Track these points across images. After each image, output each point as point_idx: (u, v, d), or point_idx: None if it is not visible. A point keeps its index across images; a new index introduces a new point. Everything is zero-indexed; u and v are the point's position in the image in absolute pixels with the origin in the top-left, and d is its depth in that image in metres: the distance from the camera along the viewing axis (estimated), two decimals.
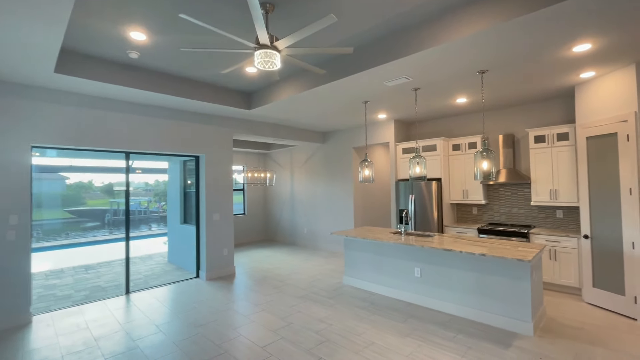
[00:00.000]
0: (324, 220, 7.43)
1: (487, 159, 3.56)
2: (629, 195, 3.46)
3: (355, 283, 4.70)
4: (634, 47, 3.00)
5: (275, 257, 6.80)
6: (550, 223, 4.84)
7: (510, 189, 5.24)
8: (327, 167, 7.39)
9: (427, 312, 3.73)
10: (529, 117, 5.04)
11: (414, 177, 4.21)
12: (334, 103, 4.79)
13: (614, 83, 3.60)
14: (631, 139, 3.42)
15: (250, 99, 5.08)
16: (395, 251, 4.22)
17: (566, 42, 2.86)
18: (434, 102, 4.82)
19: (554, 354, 2.79)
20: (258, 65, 2.67)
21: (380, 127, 6.32)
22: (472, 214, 5.68)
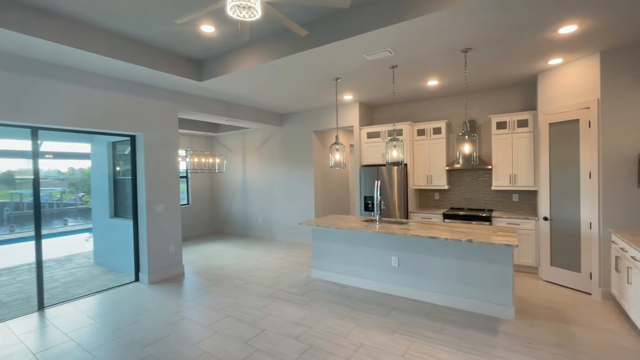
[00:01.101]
0: (282, 210, 6.92)
1: (469, 142, 3.44)
2: (589, 179, 3.66)
3: (325, 276, 4.36)
4: (603, 34, 3.07)
5: (229, 251, 6.12)
6: (506, 206, 5.06)
7: (471, 174, 5.36)
8: (285, 152, 6.85)
9: (407, 302, 3.56)
10: (490, 104, 5.15)
11: (390, 162, 3.96)
12: (303, 78, 4.27)
13: (578, 71, 3.73)
14: (593, 125, 3.59)
15: (202, 68, 4.27)
16: (370, 240, 3.96)
17: (554, 22, 2.78)
18: (406, 83, 4.60)
19: (539, 336, 2.80)
20: (231, 12, 2.05)
21: (344, 109, 5.97)
22: (434, 199, 5.72)
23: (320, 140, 6.73)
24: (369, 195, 5.63)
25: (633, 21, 2.79)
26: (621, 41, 3.25)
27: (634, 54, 3.35)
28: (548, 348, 2.62)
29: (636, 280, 2.76)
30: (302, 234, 6.62)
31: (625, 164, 3.40)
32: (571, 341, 2.72)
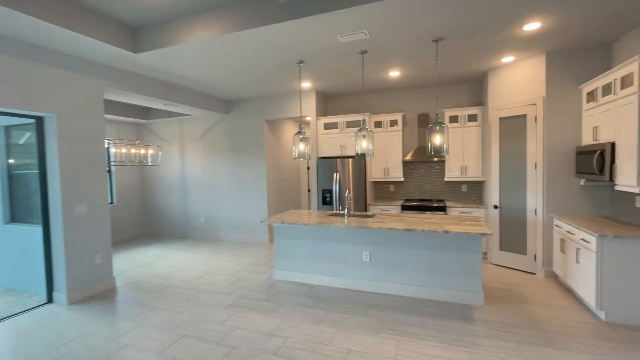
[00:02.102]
0: (229, 206, 6.30)
1: (440, 133, 3.44)
2: (534, 169, 4.00)
3: (290, 276, 4.02)
4: (550, 36, 3.32)
5: (169, 256, 5.32)
6: (456, 197, 5.35)
7: (424, 166, 5.53)
8: (232, 143, 6.22)
9: (382, 298, 3.45)
10: (442, 99, 5.35)
11: (360, 153, 3.78)
12: (264, 59, 3.81)
13: (526, 70, 4.03)
14: (538, 120, 3.91)
15: (139, 36, 3.50)
16: (340, 235, 3.75)
17: (521, 17, 2.88)
18: (370, 72, 4.47)
19: (509, 319, 2.92)
20: None
21: (299, 98, 5.63)
22: (390, 191, 5.79)
23: (273, 130, 6.28)
24: (327, 188, 5.42)
25: (584, 22, 3.04)
26: (564, 44, 3.57)
27: (574, 57, 3.71)
28: (521, 330, 2.74)
29: (584, 260, 3.06)
30: (254, 232, 6.13)
31: (565, 156, 3.78)
32: (537, 321, 2.90)
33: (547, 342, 2.55)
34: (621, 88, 2.89)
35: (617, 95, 2.96)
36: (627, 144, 2.82)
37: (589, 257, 2.96)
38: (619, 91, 2.93)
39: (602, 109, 3.21)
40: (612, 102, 3.04)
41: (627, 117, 2.81)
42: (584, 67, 3.69)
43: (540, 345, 2.51)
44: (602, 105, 3.21)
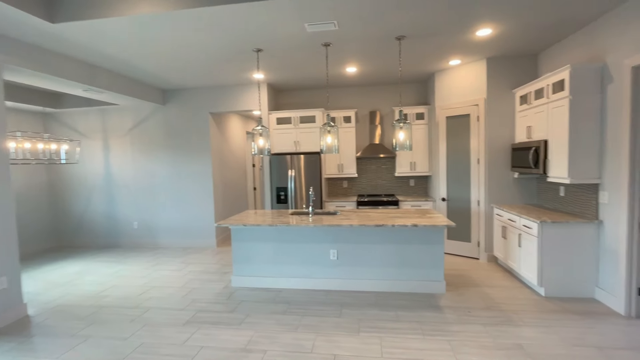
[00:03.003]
0: (169, 209, 5.62)
1: (404, 129, 3.52)
2: (477, 164, 4.40)
3: (252, 282, 3.72)
4: (491, 43, 3.68)
5: (95, 271, 4.50)
6: (405, 191, 5.63)
7: (376, 162, 5.70)
8: (172, 138, 5.54)
9: (351, 296, 3.41)
10: (392, 97, 5.56)
11: (325, 150, 3.66)
12: (218, 43, 3.42)
13: (469, 73, 4.40)
14: (480, 120, 4.31)
15: (56, 3, 2.80)
16: (306, 235, 3.60)
17: (478, 22, 3.10)
18: (328, 66, 4.37)
19: (471, 303, 3.15)
20: None
21: (249, 90, 5.27)
22: (343, 187, 5.82)
23: (218, 125, 5.77)
24: (282, 186, 5.20)
25: (522, 33, 3.41)
26: (502, 52, 3.98)
27: (508, 64, 4.17)
28: (484, 312, 2.97)
29: (525, 244, 3.47)
30: (200, 236, 5.57)
31: (502, 152, 4.24)
32: (493, 302, 3.18)
33: (507, 321, 2.80)
34: (553, 92, 3.32)
35: (549, 99, 3.39)
36: (559, 141, 3.25)
37: (531, 241, 3.35)
38: (551, 95, 3.36)
39: (535, 110, 3.66)
40: (544, 105, 3.48)
41: (559, 118, 3.24)
42: (516, 73, 4.17)
43: (503, 325, 2.74)
44: (535, 107, 3.65)
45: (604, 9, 2.88)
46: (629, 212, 2.77)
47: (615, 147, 2.89)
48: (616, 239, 2.92)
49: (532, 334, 2.60)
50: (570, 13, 2.94)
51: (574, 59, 3.44)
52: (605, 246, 3.05)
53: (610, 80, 2.93)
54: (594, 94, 3.05)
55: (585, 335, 2.56)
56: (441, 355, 2.35)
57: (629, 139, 2.74)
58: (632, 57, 2.69)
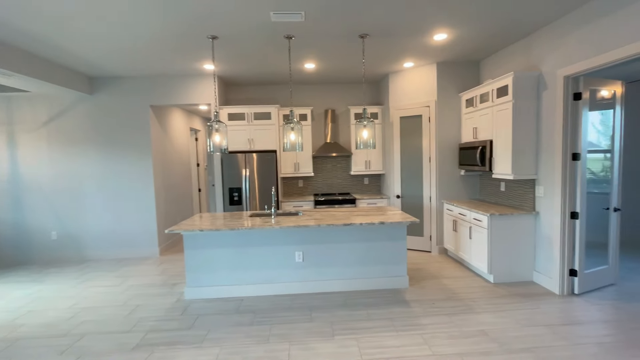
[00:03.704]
0: (99, 215, 4.86)
1: (367, 128, 3.53)
2: (429, 162, 4.65)
3: (209, 293, 3.38)
4: (443, 49, 3.92)
5: (3, 295, 3.66)
6: (360, 189, 5.73)
7: (332, 160, 5.68)
8: (102, 133, 4.79)
9: (320, 298, 3.31)
10: (347, 96, 5.59)
11: (289, 147, 3.49)
12: (167, 25, 3.01)
13: (421, 75, 4.62)
14: (431, 120, 4.56)
15: None
16: (270, 238, 3.39)
17: (436, 26, 3.25)
18: (286, 61, 4.20)
19: (433, 295, 3.29)
20: None
21: (196, 82, 4.81)
22: (298, 187, 5.69)
23: (160, 119, 5.18)
24: (235, 186, 4.87)
25: (471, 40, 3.68)
26: (450, 58, 4.26)
27: (456, 69, 4.48)
28: (447, 303, 3.12)
29: (476, 236, 3.75)
30: (138, 244, 4.93)
31: (451, 151, 4.54)
32: (452, 292, 3.37)
33: (468, 309, 2.98)
34: (497, 97, 3.65)
35: (494, 103, 3.71)
36: (503, 141, 3.58)
37: (481, 233, 3.64)
38: (495, 99, 3.68)
39: (481, 113, 3.98)
40: (489, 108, 3.80)
41: (503, 120, 3.57)
42: (462, 78, 4.50)
43: (465, 313, 2.91)
44: (481, 110, 3.98)
45: (540, 24, 3.24)
46: (561, 203, 3.16)
47: (549, 147, 3.28)
48: (551, 228, 3.31)
49: (491, 319, 2.80)
50: (512, 24, 3.25)
51: (512, 67, 3.82)
52: (542, 234, 3.45)
53: (545, 87, 3.31)
54: (532, 99, 3.42)
55: (534, 315, 2.84)
56: (417, 349, 2.39)
57: (561, 139, 3.12)
58: (564, 68, 3.06)
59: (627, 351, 2.31)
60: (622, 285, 3.42)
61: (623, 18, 2.52)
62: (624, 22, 2.51)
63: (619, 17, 2.55)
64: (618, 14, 2.56)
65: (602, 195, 3.33)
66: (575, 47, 2.96)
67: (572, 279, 3.22)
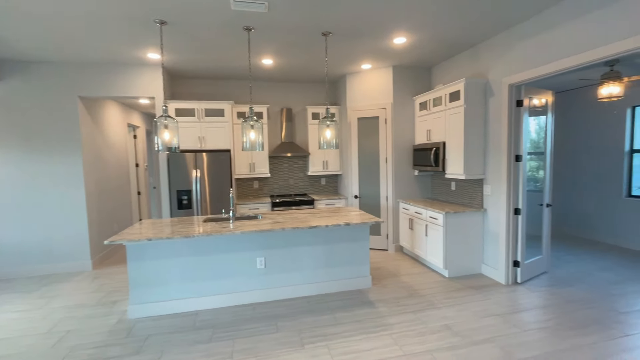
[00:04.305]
0: (12, 225, 4.07)
1: (331, 128, 3.47)
2: (385, 163, 4.77)
3: (158, 309, 3.01)
4: (400, 54, 4.06)
5: None
6: (317, 190, 5.67)
7: (288, 161, 5.53)
8: (13, 127, 4.01)
9: (284, 305, 3.15)
10: (305, 95, 5.49)
11: (249, 147, 3.27)
12: (99, 2, 2.59)
13: (378, 78, 4.72)
14: (388, 122, 4.68)
15: None
16: (228, 244, 3.14)
17: (396, 29, 3.32)
18: (242, 55, 3.95)
19: (396, 293, 3.35)
20: None
21: (139, 72, 4.29)
22: (254, 188, 5.42)
23: (92, 113, 4.52)
24: (184, 189, 4.45)
25: (425, 46, 3.84)
26: (405, 62, 4.41)
27: (410, 74, 4.65)
28: (410, 300, 3.19)
29: (432, 233, 3.93)
30: (67, 257, 4.23)
31: (406, 152, 4.71)
32: (413, 289, 3.46)
33: (430, 305, 3.08)
34: (450, 101, 3.86)
35: (446, 107, 3.92)
36: (455, 143, 3.80)
37: (437, 230, 3.81)
38: (448, 103, 3.89)
39: (434, 116, 4.19)
40: (442, 112, 4.01)
41: (455, 123, 3.78)
42: (415, 82, 4.70)
43: (428, 309, 3.00)
44: (434, 113, 4.18)
45: (487, 36, 3.50)
46: (507, 201, 3.45)
47: (496, 149, 3.56)
48: (497, 224, 3.60)
49: (452, 313, 2.93)
50: (463, 33, 3.45)
51: (462, 74, 4.08)
52: (489, 230, 3.73)
53: (492, 94, 3.58)
54: (481, 104, 3.68)
55: (487, 306, 3.04)
56: (389, 351, 2.38)
57: (506, 142, 3.40)
58: (509, 77, 3.34)
59: (568, 332, 2.57)
60: (553, 272, 3.85)
61: (557, 36, 2.81)
62: (557, 39, 2.81)
63: (554, 35, 2.84)
64: (552, 33, 2.85)
65: (537, 193, 3.71)
66: (517, 59, 3.24)
67: (515, 270, 3.53)
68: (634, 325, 2.66)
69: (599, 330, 2.60)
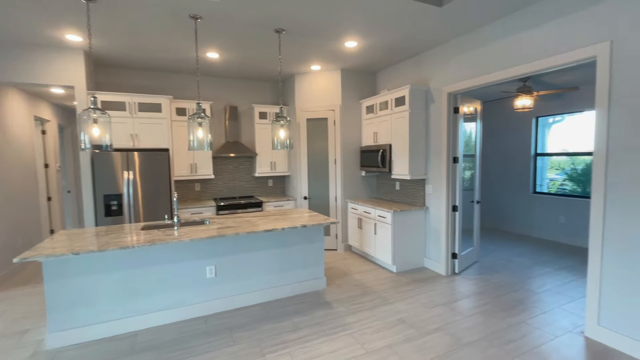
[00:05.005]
0: None
1: (285, 128, 3.38)
2: (334, 164, 4.84)
3: (84, 335, 2.56)
4: (350, 57, 4.17)
5: None
6: (264, 191, 5.49)
7: (233, 161, 5.25)
8: None
9: (239, 315, 2.96)
10: (251, 93, 5.27)
11: (196, 146, 3.00)
12: None
13: (327, 79, 4.76)
14: (336, 124, 4.76)
15: None
16: (173, 254, 2.83)
17: (349, 33, 3.39)
18: (186, 46, 3.61)
19: (348, 293, 3.41)
20: None
21: (53, 55, 3.64)
22: (195, 191, 5.02)
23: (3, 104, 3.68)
24: (113, 193, 3.91)
25: (373, 52, 4.01)
26: (353, 66, 4.54)
27: (357, 77, 4.80)
28: (364, 298, 3.27)
29: (380, 231, 4.10)
30: None
31: (354, 153, 4.85)
32: (366, 287, 3.56)
33: (384, 301, 3.20)
34: (395, 106, 4.08)
35: (392, 111, 4.14)
36: (401, 145, 4.03)
37: (386, 228, 3.99)
38: (394, 108, 4.11)
39: (381, 119, 4.38)
40: (388, 115, 4.22)
41: (400, 126, 4.01)
42: (362, 86, 4.87)
43: (383, 305, 3.11)
44: (381, 116, 4.38)
45: (429, 46, 3.79)
46: (446, 199, 3.77)
47: (436, 151, 3.87)
48: (438, 220, 3.91)
49: (404, 306, 3.08)
50: (409, 43, 3.68)
51: (405, 80, 4.35)
52: (431, 226, 4.03)
53: (433, 100, 3.89)
54: (423, 109, 3.96)
55: (433, 297, 3.28)
56: (351, 351, 2.39)
57: (446, 145, 3.72)
58: (448, 86, 3.66)
59: (502, 314, 2.90)
60: (482, 261, 4.34)
61: (485, 53, 3.18)
62: (486, 56, 3.17)
63: (483, 52, 3.20)
64: (482, 50, 3.21)
65: (468, 191, 4.14)
66: (454, 70, 3.58)
67: (454, 261, 3.88)
68: (548, 302, 3.13)
69: (523, 309, 2.99)
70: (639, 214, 2.21)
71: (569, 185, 5.36)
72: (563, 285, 3.53)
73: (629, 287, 2.28)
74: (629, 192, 2.26)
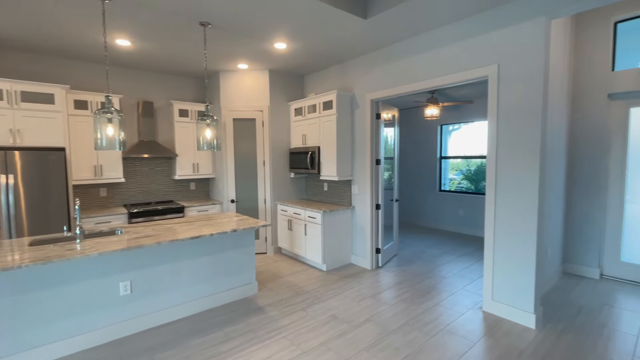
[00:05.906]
0: None
1: (211, 127, 3.19)
2: (263, 166, 4.75)
3: None
4: (277, 58, 4.18)
5: None
6: (185, 195, 5.08)
7: (149, 163, 4.72)
8: None
9: (162, 332, 2.67)
10: (168, 88, 4.81)
11: (104, 145, 2.60)
12: None
13: (255, 79, 4.65)
14: (265, 125, 4.69)
15: None
16: (75, 272, 2.41)
17: (278, 36, 3.39)
18: (92, 27, 3.11)
19: (282, 295, 3.39)
20: None
21: None
22: (100, 196, 4.36)
23: None
24: None
25: (302, 55, 4.08)
26: (282, 68, 4.54)
27: (285, 79, 4.81)
28: (297, 299, 3.29)
29: (310, 232, 4.18)
30: None
31: (283, 155, 4.84)
32: (298, 287, 3.59)
33: (316, 300, 3.27)
34: (323, 109, 4.22)
35: (320, 114, 4.27)
36: (329, 147, 4.18)
37: (316, 228, 4.08)
38: (322, 111, 4.24)
39: (309, 122, 4.48)
40: (316, 118, 4.34)
41: (328, 129, 4.16)
42: (290, 88, 4.90)
43: (315, 304, 3.18)
44: (309, 119, 4.47)
45: (354, 55, 4.02)
46: (370, 198, 4.05)
47: (361, 154, 4.12)
48: (363, 218, 4.18)
49: (335, 303, 3.20)
50: (335, 50, 3.86)
51: (331, 85, 4.53)
52: (357, 224, 4.28)
53: (357, 106, 4.14)
54: (349, 114, 4.18)
55: (361, 291, 3.48)
56: (288, 353, 2.39)
57: (369, 148, 4.00)
58: (370, 93, 3.94)
59: (419, 300, 3.25)
60: (401, 254, 4.78)
61: (400, 66, 3.53)
62: (401, 69, 3.53)
63: (398, 65, 3.56)
64: (397, 63, 3.56)
65: (388, 191, 4.52)
66: (375, 79, 3.87)
67: (377, 256, 4.19)
68: (454, 285, 3.62)
69: (437, 294, 3.40)
70: (515, 204, 2.73)
71: (465, 183, 6.31)
72: (465, 269, 4.13)
73: (514, 266, 2.79)
74: (507, 186, 2.77)
